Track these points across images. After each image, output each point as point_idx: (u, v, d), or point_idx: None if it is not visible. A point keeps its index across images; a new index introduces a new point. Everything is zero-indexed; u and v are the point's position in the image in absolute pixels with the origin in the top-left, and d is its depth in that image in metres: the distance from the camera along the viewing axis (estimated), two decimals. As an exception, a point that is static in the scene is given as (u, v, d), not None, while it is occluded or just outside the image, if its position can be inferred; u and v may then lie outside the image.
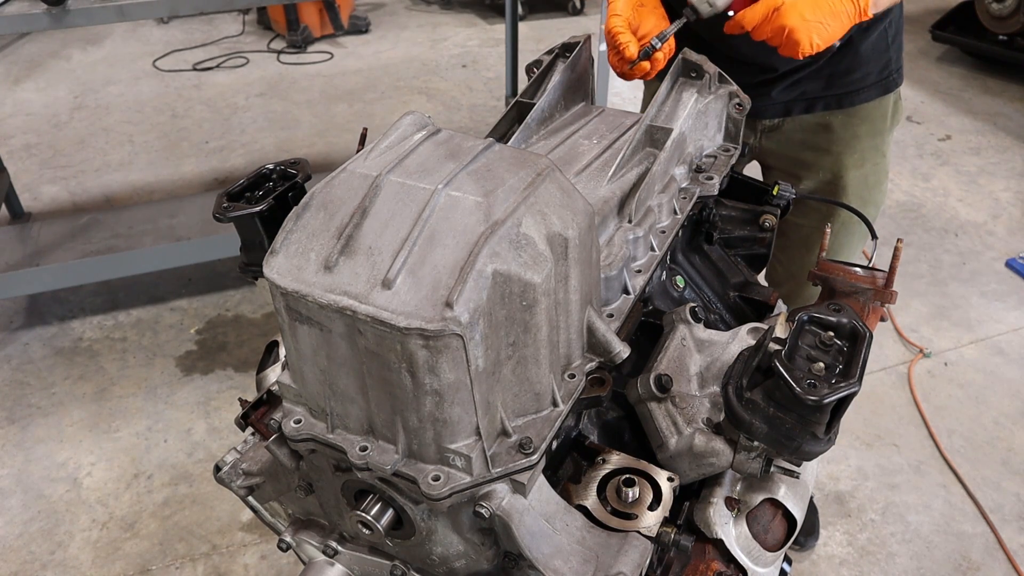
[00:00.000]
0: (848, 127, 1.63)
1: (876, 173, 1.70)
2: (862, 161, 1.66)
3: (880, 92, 1.61)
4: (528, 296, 0.76)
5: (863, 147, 1.65)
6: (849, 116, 1.62)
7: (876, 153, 1.67)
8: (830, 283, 1.28)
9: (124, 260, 2.91)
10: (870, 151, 1.66)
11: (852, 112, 1.61)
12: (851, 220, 1.66)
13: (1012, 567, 2.21)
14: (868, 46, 1.55)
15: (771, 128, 1.66)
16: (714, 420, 0.91)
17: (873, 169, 1.68)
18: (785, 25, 1.19)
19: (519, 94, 1.28)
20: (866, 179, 1.68)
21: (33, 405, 2.75)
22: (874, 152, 1.67)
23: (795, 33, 1.19)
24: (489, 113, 4.69)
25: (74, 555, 2.27)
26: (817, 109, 1.61)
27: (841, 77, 1.57)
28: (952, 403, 2.72)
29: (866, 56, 1.56)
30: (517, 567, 0.84)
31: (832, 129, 1.63)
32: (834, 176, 1.67)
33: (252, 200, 1.01)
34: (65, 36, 5.66)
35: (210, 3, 2.87)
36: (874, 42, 1.55)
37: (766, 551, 0.97)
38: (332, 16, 5.55)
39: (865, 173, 1.67)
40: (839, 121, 1.62)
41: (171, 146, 4.35)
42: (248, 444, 1.03)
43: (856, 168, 1.66)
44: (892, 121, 1.68)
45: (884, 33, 1.56)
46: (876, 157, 1.68)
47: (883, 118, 1.65)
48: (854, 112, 1.61)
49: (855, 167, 1.66)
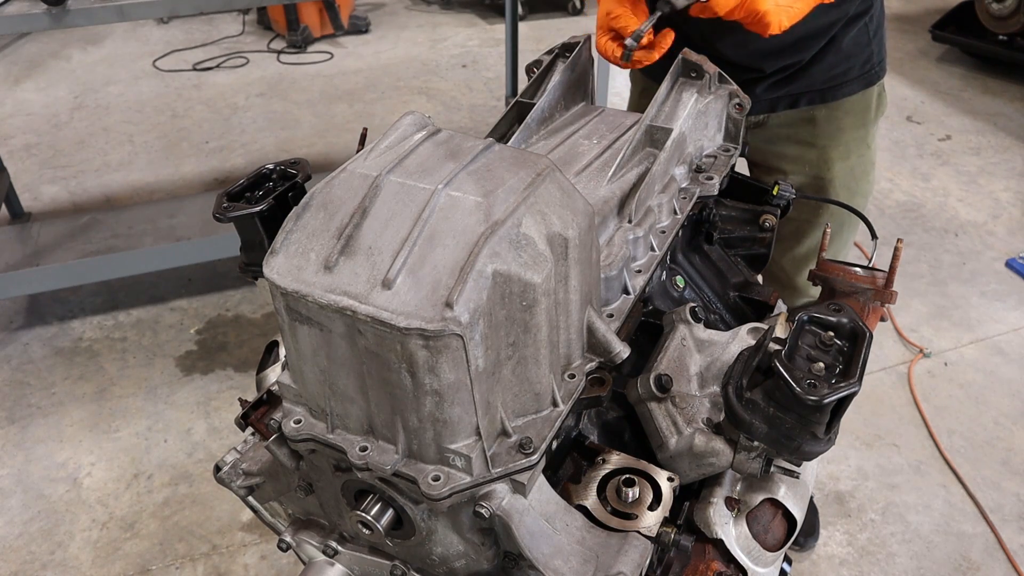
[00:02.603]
0: (832, 120, 1.64)
1: (862, 164, 1.71)
2: (847, 153, 1.67)
3: (863, 85, 1.63)
4: (528, 296, 0.76)
5: (848, 139, 1.66)
6: (832, 110, 1.63)
7: (861, 144, 1.69)
8: (830, 283, 1.28)
9: (124, 260, 2.91)
10: (855, 143, 1.68)
11: (835, 106, 1.63)
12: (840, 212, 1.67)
13: (1012, 567, 2.21)
14: (850, 41, 1.57)
15: (755, 124, 1.67)
16: (714, 420, 0.91)
17: (859, 161, 1.70)
18: (759, 9, 1.23)
19: (519, 94, 1.28)
20: (852, 171, 1.70)
21: (33, 405, 2.75)
22: (859, 144, 1.68)
23: (767, 16, 1.24)
24: (489, 113, 4.69)
25: (74, 555, 2.27)
26: (801, 104, 1.62)
27: (824, 72, 1.58)
28: (952, 403, 2.72)
29: (848, 51, 1.57)
30: (517, 567, 0.84)
31: (816, 123, 1.64)
32: (820, 169, 1.68)
33: (252, 200, 1.01)
34: (65, 36, 5.66)
35: (210, 3, 2.87)
36: (855, 36, 1.57)
37: (766, 551, 0.97)
38: (332, 16, 5.55)
39: (851, 165, 1.69)
40: (823, 115, 1.64)
41: (171, 146, 4.35)
42: (248, 444, 1.03)
43: (842, 160, 1.67)
44: (876, 113, 1.69)
45: (865, 28, 1.58)
46: (861, 148, 1.69)
47: (867, 110, 1.67)
48: (837, 106, 1.63)
49: (841, 159, 1.67)
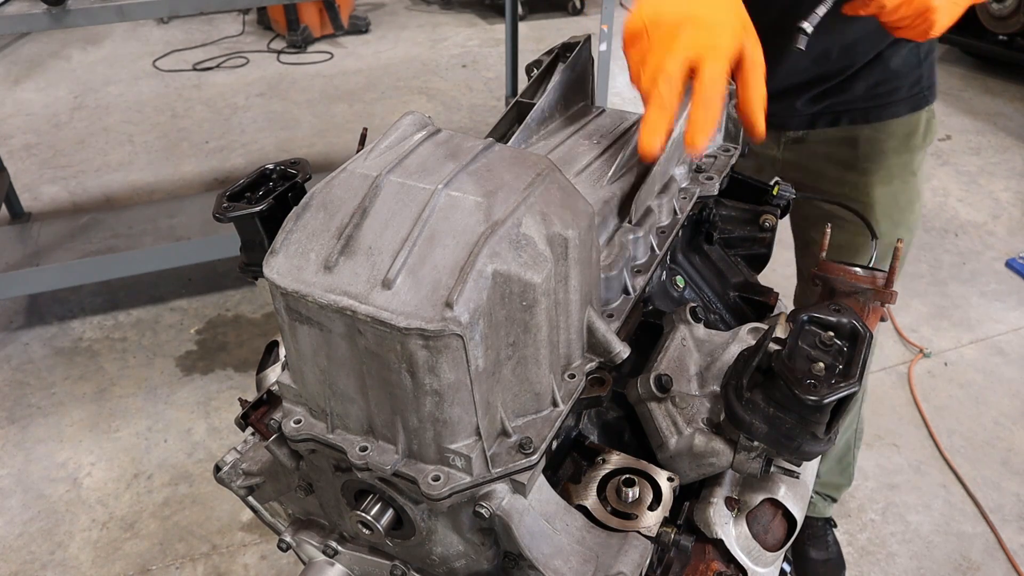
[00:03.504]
0: (875, 142, 1.58)
1: (906, 192, 1.63)
2: (890, 178, 1.60)
3: (910, 108, 1.56)
4: (528, 296, 0.76)
5: (891, 164, 1.59)
6: (876, 131, 1.57)
7: (905, 171, 1.61)
8: (830, 283, 1.27)
9: (124, 260, 2.91)
10: (899, 168, 1.60)
11: (879, 127, 1.56)
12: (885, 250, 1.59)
13: (1012, 567, 2.21)
14: (899, 60, 1.50)
15: (795, 140, 1.62)
16: (714, 420, 0.91)
17: (902, 188, 1.62)
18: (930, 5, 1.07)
19: (519, 94, 1.27)
20: (895, 198, 1.62)
21: (33, 405, 2.76)
22: (903, 170, 1.61)
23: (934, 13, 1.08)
24: (489, 113, 4.69)
25: (74, 555, 2.27)
26: (843, 122, 1.57)
27: (868, 89, 1.52)
28: (952, 403, 2.72)
29: (896, 70, 1.50)
30: (517, 567, 0.84)
31: (858, 144, 1.58)
32: (860, 193, 1.61)
33: (252, 200, 1.01)
34: (65, 36, 5.66)
35: (210, 3, 2.88)
36: (905, 57, 1.50)
37: (766, 551, 0.97)
38: (332, 16, 5.55)
39: (894, 191, 1.61)
40: (865, 136, 1.58)
41: (171, 146, 4.35)
42: (248, 444, 1.03)
43: (883, 185, 1.60)
44: (924, 139, 1.61)
45: (916, 49, 1.51)
46: (906, 175, 1.62)
47: (913, 135, 1.60)
48: (881, 127, 1.56)
49: (882, 184, 1.60)
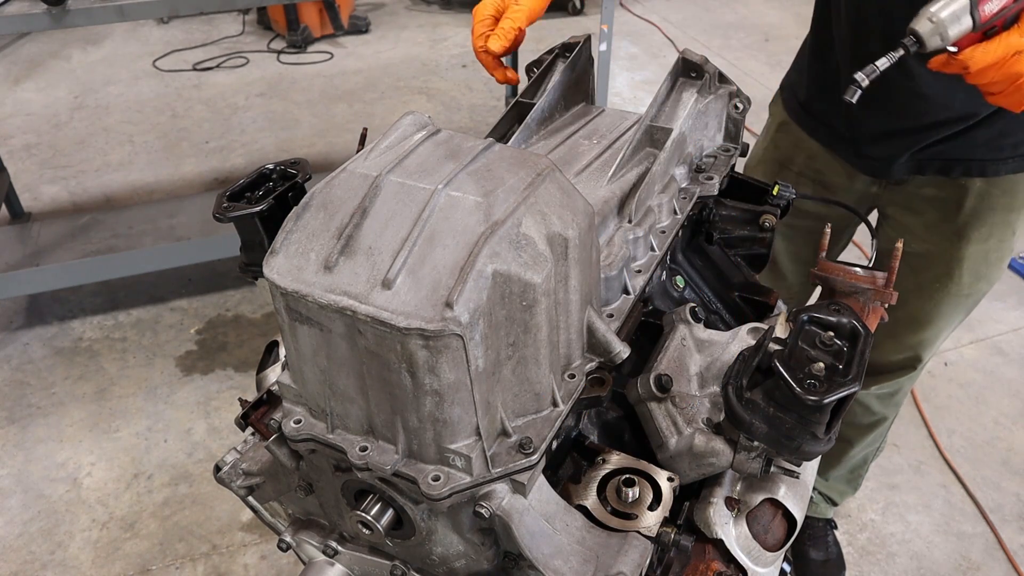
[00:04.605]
0: (986, 197, 1.48)
1: (1000, 251, 1.56)
2: (988, 235, 1.52)
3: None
4: (528, 296, 0.76)
5: (994, 221, 1.51)
6: (990, 185, 1.47)
7: (1006, 229, 1.53)
8: (830, 283, 1.27)
9: (124, 260, 2.91)
10: (1000, 226, 1.52)
11: (993, 182, 1.47)
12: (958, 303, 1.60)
13: (1012, 567, 2.21)
14: None
15: (897, 181, 1.55)
16: (714, 420, 0.91)
17: (997, 245, 1.55)
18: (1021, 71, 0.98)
19: (519, 94, 1.27)
20: (987, 255, 1.55)
21: (33, 405, 2.75)
22: (1004, 228, 1.52)
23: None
24: (489, 113, 4.69)
25: (74, 555, 2.27)
26: (955, 173, 1.48)
27: (990, 142, 1.42)
28: (952, 403, 2.72)
29: (1020, 123, 1.39)
30: (517, 567, 0.84)
31: (966, 197, 1.49)
32: (952, 243, 1.54)
33: (252, 200, 1.01)
34: (65, 36, 5.65)
35: (210, 3, 2.87)
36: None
37: (766, 551, 0.97)
38: (332, 16, 5.54)
39: (987, 248, 1.54)
40: (977, 189, 1.48)
41: (171, 146, 4.35)
42: (248, 444, 1.03)
43: (980, 242, 1.53)
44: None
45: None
46: (1005, 234, 1.53)
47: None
48: (996, 182, 1.47)
49: (979, 240, 1.53)
